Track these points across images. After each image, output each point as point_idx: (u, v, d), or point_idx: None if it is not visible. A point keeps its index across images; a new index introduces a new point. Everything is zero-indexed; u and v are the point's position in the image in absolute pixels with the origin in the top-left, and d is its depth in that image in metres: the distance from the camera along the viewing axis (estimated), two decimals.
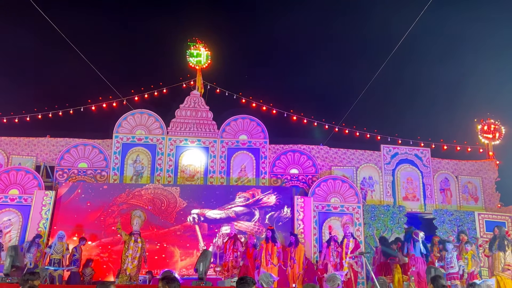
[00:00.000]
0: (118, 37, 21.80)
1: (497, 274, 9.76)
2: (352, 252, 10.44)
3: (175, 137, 14.82)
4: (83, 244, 11.92)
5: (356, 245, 10.64)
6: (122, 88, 15.88)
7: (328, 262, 10.96)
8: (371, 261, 12.07)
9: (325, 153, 15.25)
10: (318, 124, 16.00)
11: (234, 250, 11.37)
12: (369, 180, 14.94)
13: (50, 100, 16.58)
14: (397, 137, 15.71)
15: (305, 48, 24.09)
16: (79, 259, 11.66)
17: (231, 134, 15.09)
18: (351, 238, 10.78)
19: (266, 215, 13.54)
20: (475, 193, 15.38)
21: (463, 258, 10.58)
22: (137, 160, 14.51)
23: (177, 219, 13.37)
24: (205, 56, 16.03)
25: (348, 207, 13.71)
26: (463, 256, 10.68)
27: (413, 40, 15.98)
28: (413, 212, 14.49)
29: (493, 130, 16.10)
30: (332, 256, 10.83)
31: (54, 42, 17.08)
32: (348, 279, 10.14)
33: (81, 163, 14.39)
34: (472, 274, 10.31)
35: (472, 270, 10.35)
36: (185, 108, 15.23)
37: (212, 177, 14.52)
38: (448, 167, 15.54)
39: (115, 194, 13.53)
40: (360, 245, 10.89)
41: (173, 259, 12.96)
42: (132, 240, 10.65)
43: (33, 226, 12.69)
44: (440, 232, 13.73)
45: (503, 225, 13.51)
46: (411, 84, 22.23)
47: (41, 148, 14.58)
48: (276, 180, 14.72)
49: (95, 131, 15.42)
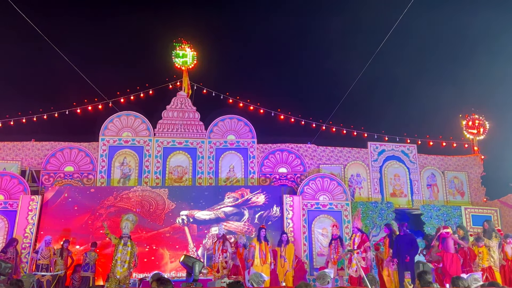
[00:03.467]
0: (102, 38, 21.61)
1: None
2: (358, 247, 10.43)
3: (162, 138, 14.74)
4: (67, 246, 11.79)
5: (363, 240, 10.57)
6: (108, 90, 15.75)
7: (329, 260, 11.00)
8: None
9: (313, 152, 15.31)
10: (306, 122, 16.05)
11: (223, 250, 11.36)
12: (357, 177, 15.04)
13: (34, 103, 16.35)
14: (384, 134, 15.85)
15: (291, 48, 24.15)
16: (90, 263, 11.57)
17: (219, 135, 15.06)
18: (358, 233, 10.75)
19: (256, 214, 13.54)
20: (461, 188, 15.58)
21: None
22: (124, 163, 14.40)
23: (166, 221, 13.29)
24: (191, 57, 15.96)
25: (336, 205, 13.78)
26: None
27: (398, 38, 16.10)
28: (401, 208, 14.62)
29: (477, 126, 16.31)
30: (333, 254, 10.88)
31: (37, 44, 16.88)
32: (359, 275, 10.11)
33: (67, 167, 14.22)
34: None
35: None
36: (172, 109, 15.15)
37: (200, 178, 14.47)
38: (435, 163, 15.72)
39: (102, 197, 13.41)
40: (368, 240, 10.77)
41: (163, 261, 12.89)
42: (121, 243, 10.55)
43: (20, 231, 12.51)
44: (427, 227, 13.88)
45: (489, 218, 13.71)
46: (397, 81, 22.42)
47: (26, 153, 14.38)
48: (265, 180, 14.73)
49: (81, 134, 15.27)
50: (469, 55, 21.06)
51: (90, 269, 11.58)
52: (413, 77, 21.82)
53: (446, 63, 22.28)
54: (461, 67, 21.24)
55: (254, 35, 23.56)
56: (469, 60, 20.78)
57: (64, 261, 11.62)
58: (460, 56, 21.64)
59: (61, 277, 11.48)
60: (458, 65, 21.54)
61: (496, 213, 14.27)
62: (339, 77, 20.63)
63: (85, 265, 11.58)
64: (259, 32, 23.23)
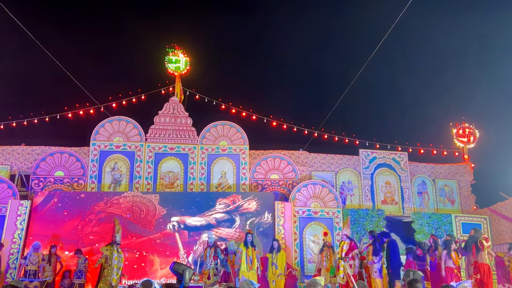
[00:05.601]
0: (95, 43, 21.55)
1: (474, 276, 9.96)
2: (346, 254, 10.40)
3: (154, 144, 14.68)
4: (55, 251, 11.66)
5: (352, 247, 10.54)
6: (100, 95, 15.68)
7: (321, 267, 10.97)
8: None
9: (305, 158, 15.34)
10: (298, 129, 16.09)
11: (214, 257, 11.30)
12: (348, 184, 15.09)
13: (25, 107, 16.23)
14: (375, 142, 15.94)
15: (284, 54, 24.25)
16: (83, 270, 11.48)
17: (211, 140, 15.04)
18: (347, 240, 10.72)
19: (247, 221, 13.50)
20: (452, 196, 15.68)
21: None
22: (115, 168, 14.31)
23: (156, 227, 13.21)
24: (184, 62, 15.96)
25: (328, 212, 13.79)
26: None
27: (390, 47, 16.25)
28: (391, 215, 14.67)
29: (468, 134, 16.45)
30: (325, 261, 10.85)
31: (28, 49, 16.78)
32: (346, 282, 10.10)
33: (57, 172, 14.11)
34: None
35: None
36: (164, 114, 15.11)
37: (192, 184, 14.42)
38: (425, 171, 15.82)
39: (92, 203, 13.30)
40: (356, 247, 10.74)
41: (153, 267, 12.79)
42: (115, 251, 10.52)
43: (8, 236, 12.36)
44: (418, 235, 13.93)
45: (479, 226, 13.80)
46: (389, 90, 22.60)
47: (16, 157, 14.24)
48: (257, 186, 14.72)
49: (71, 138, 15.18)
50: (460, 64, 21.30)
51: (82, 276, 11.45)
52: (405, 85, 22.01)
53: (438, 72, 22.50)
54: (452, 76, 21.50)
55: (247, 41, 23.65)
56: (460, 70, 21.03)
57: (53, 267, 11.50)
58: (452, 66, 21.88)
59: (50, 283, 11.34)
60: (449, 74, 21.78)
61: (486, 221, 14.37)
62: (331, 84, 20.77)
63: (78, 272, 11.47)
64: (253, 39, 23.32)
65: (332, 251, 10.93)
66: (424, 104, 21.40)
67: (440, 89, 22.02)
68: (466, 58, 21.24)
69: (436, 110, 21.01)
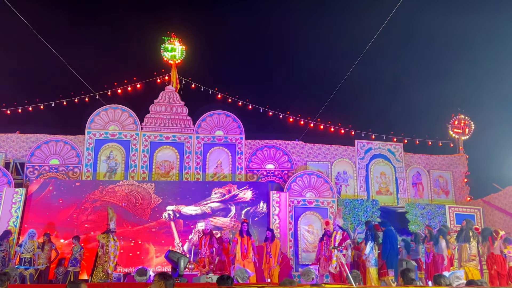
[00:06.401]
0: (90, 31, 21.34)
1: (464, 265, 10.09)
2: (339, 245, 10.47)
3: (150, 132, 14.64)
4: (48, 239, 11.67)
5: (344, 237, 10.60)
6: (95, 83, 15.57)
7: (321, 257, 11.03)
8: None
9: (301, 149, 15.36)
10: (294, 119, 16.08)
11: (210, 246, 11.35)
12: (344, 174, 15.14)
13: (19, 95, 16.10)
14: (371, 133, 15.95)
15: (281, 44, 24.14)
16: (78, 258, 11.50)
17: (207, 130, 15.01)
18: (339, 230, 10.77)
19: (242, 210, 13.55)
20: (446, 187, 15.78)
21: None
22: (110, 156, 14.28)
23: (152, 216, 13.24)
24: (180, 51, 15.84)
25: (323, 202, 13.86)
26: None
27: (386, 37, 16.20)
28: (386, 206, 14.76)
29: (463, 126, 16.52)
30: (324, 251, 10.89)
31: (21, 35, 16.60)
32: (338, 271, 10.18)
33: (52, 160, 14.06)
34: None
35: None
36: (160, 103, 15.05)
37: (187, 173, 14.42)
38: (420, 162, 15.89)
39: (88, 191, 13.29)
40: (348, 237, 10.78)
41: (148, 256, 12.85)
42: (111, 238, 10.55)
43: (3, 224, 12.34)
44: (412, 225, 14.04)
45: (472, 217, 13.93)
46: (385, 81, 22.59)
47: (10, 144, 14.18)
48: (252, 176, 14.74)
49: (67, 127, 15.09)
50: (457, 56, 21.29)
51: (77, 264, 11.48)
52: (401, 77, 22.01)
53: (434, 64, 22.50)
54: (448, 68, 21.50)
55: (244, 31, 23.49)
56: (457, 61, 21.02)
57: (47, 255, 11.51)
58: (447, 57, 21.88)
59: (43, 271, 11.37)
60: (445, 65, 21.78)
61: (479, 212, 14.51)
62: (327, 75, 20.71)
63: (73, 260, 11.48)
64: (249, 29, 23.17)
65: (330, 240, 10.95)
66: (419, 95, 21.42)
67: (436, 80, 22.04)
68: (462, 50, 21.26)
69: (432, 102, 21.06)
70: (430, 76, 22.56)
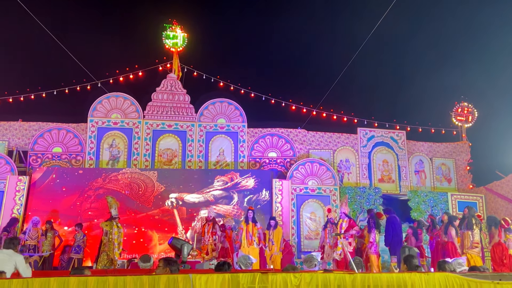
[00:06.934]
0: (91, 18, 21.22)
1: (466, 252, 10.12)
2: (345, 232, 10.52)
3: (152, 120, 14.64)
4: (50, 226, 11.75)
5: (351, 225, 10.64)
6: (97, 71, 15.51)
7: (325, 244, 11.08)
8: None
9: (303, 137, 15.35)
10: (296, 107, 16.04)
11: (213, 233, 11.42)
12: (346, 162, 15.14)
13: (21, 83, 16.07)
14: (374, 120, 15.91)
15: (282, 31, 23.97)
16: (80, 245, 11.58)
17: (209, 118, 14.99)
18: (346, 218, 10.80)
19: (245, 198, 13.60)
20: (449, 175, 15.78)
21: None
22: (113, 144, 14.30)
23: (155, 204, 13.30)
24: (182, 38, 15.74)
25: (325, 190, 13.88)
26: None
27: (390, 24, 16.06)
28: (388, 193, 14.77)
29: (466, 113, 16.46)
30: (328, 238, 10.94)
31: (24, 24, 16.53)
32: (342, 258, 10.24)
33: (55, 148, 14.09)
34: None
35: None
36: (162, 91, 15.01)
37: (190, 161, 14.44)
38: (423, 149, 15.87)
39: (91, 179, 13.34)
40: (355, 224, 10.79)
41: (151, 243, 12.93)
42: (115, 225, 10.62)
43: (7, 212, 12.43)
44: (414, 212, 14.07)
45: (475, 205, 13.96)
46: (388, 68, 22.45)
47: (13, 133, 14.20)
48: (255, 164, 14.76)
49: (69, 115, 15.08)
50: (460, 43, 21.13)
51: (81, 251, 11.58)
52: (404, 64, 21.87)
53: (437, 51, 22.35)
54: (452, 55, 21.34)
55: (246, 18, 23.34)
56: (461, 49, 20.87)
57: (50, 242, 11.60)
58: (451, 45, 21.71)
59: (47, 258, 11.47)
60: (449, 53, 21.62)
61: (481, 200, 14.53)
62: (330, 62, 20.60)
63: (76, 247, 11.58)
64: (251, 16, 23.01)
65: (336, 227, 10.97)
66: (422, 83, 21.33)
67: (440, 68, 21.89)
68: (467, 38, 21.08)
69: (435, 89, 20.96)
70: (434, 64, 22.41)
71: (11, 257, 6.12)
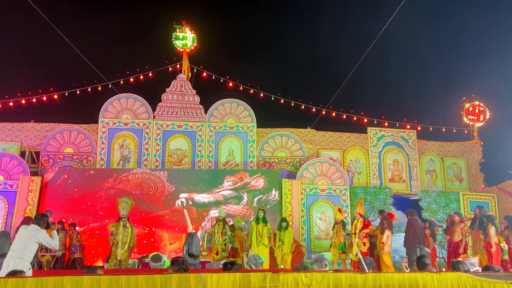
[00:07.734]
0: (102, 20, 21.38)
1: (479, 252, 10.01)
2: (360, 231, 10.45)
3: (162, 121, 14.71)
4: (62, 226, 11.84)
5: (366, 225, 10.55)
6: (107, 72, 15.64)
7: (332, 244, 11.04)
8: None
9: (313, 136, 15.32)
10: (306, 107, 16.00)
11: (223, 233, 11.44)
12: (356, 162, 15.08)
13: (33, 84, 16.26)
14: (384, 120, 15.81)
15: (291, 31, 23.96)
16: (77, 245, 11.67)
17: (219, 118, 15.03)
18: (360, 218, 10.74)
19: (255, 198, 13.61)
20: (460, 174, 15.63)
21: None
22: (123, 145, 14.40)
23: (165, 204, 13.36)
24: (191, 39, 15.81)
25: (335, 189, 13.84)
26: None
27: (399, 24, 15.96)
28: (399, 193, 14.68)
29: (478, 112, 16.29)
30: (334, 238, 10.89)
31: (37, 26, 16.71)
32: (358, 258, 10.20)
33: (67, 148, 14.23)
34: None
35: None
36: (172, 92, 15.08)
37: (200, 161, 14.49)
38: (434, 149, 15.74)
39: (102, 179, 13.44)
40: (370, 224, 10.65)
41: (162, 243, 13.00)
42: (121, 225, 10.68)
43: (20, 212, 12.57)
44: (426, 212, 13.96)
45: (487, 205, 13.80)
46: (398, 67, 22.30)
47: (26, 134, 14.37)
48: (264, 164, 14.76)
49: (80, 116, 15.24)
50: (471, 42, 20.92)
51: (77, 250, 11.64)
52: (414, 63, 21.70)
53: (449, 50, 22.15)
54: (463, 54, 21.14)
55: (255, 18, 23.35)
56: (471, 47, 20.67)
57: (62, 242, 11.69)
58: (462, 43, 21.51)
59: (59, 257, 11.57)
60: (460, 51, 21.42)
61: (493, 200, 14.36)
62: (339, 61, 20.51)
63: (72, 246, 11.65)
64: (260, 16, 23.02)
65: (343, 228, 10.92)
66: (433, 82, 21.16)
67: (450, 66, 21.70)
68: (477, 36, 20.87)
69: (445, 88, 20.78)
70: (445, 62, 22.22)
71: (32, 233, 6.21)
